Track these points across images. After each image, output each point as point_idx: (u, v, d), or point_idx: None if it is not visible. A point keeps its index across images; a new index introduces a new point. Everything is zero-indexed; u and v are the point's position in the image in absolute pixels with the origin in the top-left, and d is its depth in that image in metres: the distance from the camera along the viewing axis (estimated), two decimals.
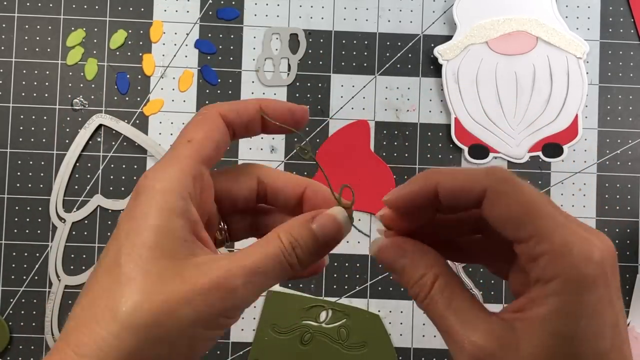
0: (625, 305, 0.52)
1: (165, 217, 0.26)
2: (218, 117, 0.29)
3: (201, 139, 0.28)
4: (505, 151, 0.52)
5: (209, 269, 0.25)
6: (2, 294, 0.51)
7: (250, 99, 0.30)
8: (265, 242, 0.27)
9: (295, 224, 0.28)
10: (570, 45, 0.52)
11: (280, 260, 0.27)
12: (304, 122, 0.31)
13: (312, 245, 0.28)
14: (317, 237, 0.28)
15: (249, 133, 0.31)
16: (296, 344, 0.51)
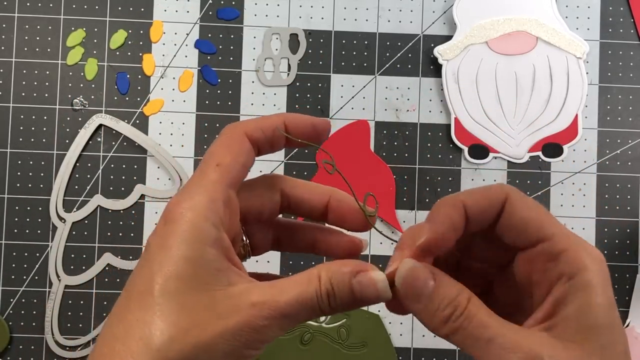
0: (625, 306, 0.52)
1: (199, 248, 0.26)
2: (244, 137, 0.29)
3: (229, 162, 0.28)
4: (505, 151, 0.52)
5: (243, 305, 0.25)
6: (2, 294, 0.52)
7: (273, 116, 0.30)
8: (304, 281, 0.27)
9: (337, 271, 0.27)
10: (570, 45, 0.52)
11: (312, 304, 0.27)
12: (326, 135, 0.31)
13: (346, 299, 0.27)
14: (354, 294, 0.27)
15: (273, 149, 0.30)
16: (296, 344, 0.51)
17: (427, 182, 0.53)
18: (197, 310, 0.25)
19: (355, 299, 0.27)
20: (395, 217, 0.52)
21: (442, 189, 0.52)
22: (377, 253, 0.52)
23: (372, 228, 0.32)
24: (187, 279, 0.25)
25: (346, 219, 0.32)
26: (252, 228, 0.31)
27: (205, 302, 0.25)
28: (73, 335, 0.51)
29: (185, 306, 0.25)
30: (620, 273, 0.52)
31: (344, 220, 0.32)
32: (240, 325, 0.25)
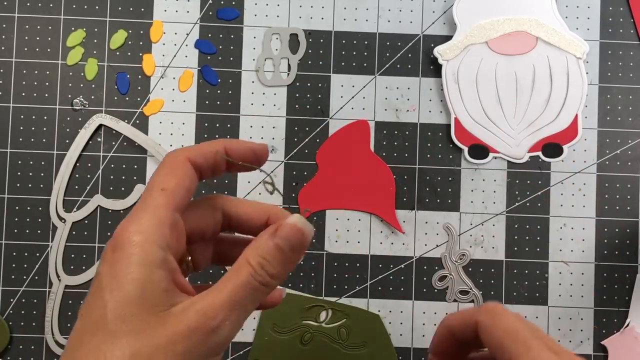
0: (625, 306, 0.52)
1: (147, 270, 0.27)
2: (187, 163, 0.30)
3: (174, 187, 0.29)
4: (505, 151, 0.52)
5: (187, 315, 0.26)
6: (2, 294, 0.52)
7: (214, 142, 0.32)
8: (236, 270, 0.28)
9: (259, 242, 0.29)
10: (570, 45, 0.52)
11: (252, 285, 0.28)
12: (265, 159, 0.33)
13: (281, 258, 0.29)
14: (283, 249, 0.29)
15: (215, 174, 0.32)
16: (296, 344, 0.51)
17: (427, 182, 0.53)
18: (149, 332, 0.26)
19: (286, 252, 0.29)
20: (395, 217, 0.52)
21: (442, 189, 0.53)
22: (377, 253, 0.52)
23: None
24: (137, 302, 0.26)
25: None
26: (195, 246, 0.32)
27: (155, 323, 0.26)
28: None
29: (136, 330, 0.26)
30: (620, 273, 0.52)
31: None
32: (187, 333, 0.26)
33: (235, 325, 0.28)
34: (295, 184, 0.52)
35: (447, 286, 0.52)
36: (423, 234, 0.52)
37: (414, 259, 0.52)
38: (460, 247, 0.52)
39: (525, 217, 0.53)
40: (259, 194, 0.52)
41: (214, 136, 0.52)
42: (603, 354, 0.52)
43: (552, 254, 0.52)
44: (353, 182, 0.52)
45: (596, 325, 0.52)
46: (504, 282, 0.52)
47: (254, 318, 0.52)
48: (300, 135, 0.53)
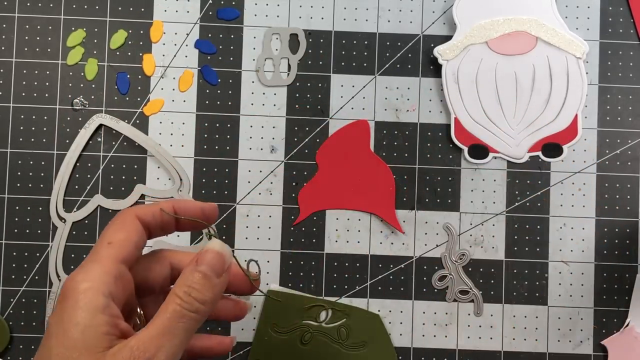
0: (625, 306, 0.52)
1: (89, 315, 0.29)
2: (135, 219, 0.33)
3: (120, 240, 0.32)
4: (504, 151, 0.52)
5: (121, 353, 0.28)
6: (2, 294, 0.52)
7: (163, 202, 0.34)
8: (165, 305, 0.31)
9: (184, 274, 0.31)
10: (570, 45, 0.52)
11: (181, 313, 0.30)
12: (214, 217, 0.35)
13: (206, 284, 0.31)
14: (206, 274, 0.31)
15: (164, 232, 0.34)
16: (296, 344, 0.51)
17: (427, 182, 0.53)
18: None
19: (211, 278, 0.31)
20: (395, 217, 0.52)
21: (442, 189, 0.53)
22: (377, 253, 0.52)
23: (257, 290, 0.36)
24: (79, 346, 0.28)
25: (232, 284, 0.35)
26: (146, 299, 0.34)
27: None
28: None
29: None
30: (620, 273, 0.52)
31: (230, 285, 0.35)
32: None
33: (170, 355, 0.29)
34: (295, 184, 0.52)
35: (447, 286, 0.52)
36: (423, 234, 0.52)
37: (414, 259, 0.52)
38: (460, 247, 0.52)
39: (525, 217, 0.53)
40: (259, 193, 0.52)
41: (214, 136, 0.53)
42: (603, 354, 0.52)
43: (552, 254, 0.52)
44: (353, 182, 0.52)
45: (596, 325, 0.52)
46: (503, 282, 0.52)
47: (254, 318, 0.52)
48: (300, 135, 0.53)
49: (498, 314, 0.52)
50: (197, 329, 0.31)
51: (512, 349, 0.52)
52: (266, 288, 0.52)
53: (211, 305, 0.31)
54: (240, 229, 0.52)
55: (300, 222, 0.52)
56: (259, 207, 0.52)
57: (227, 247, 0.32)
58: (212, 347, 0.36)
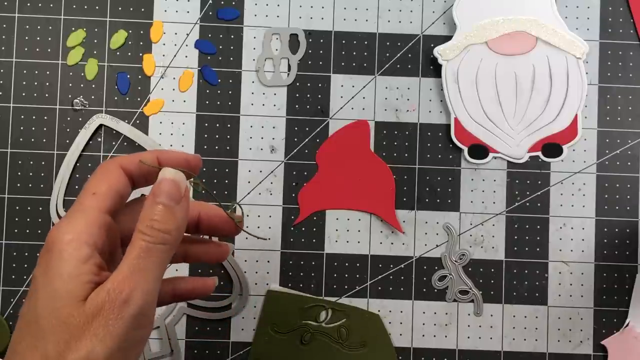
0: (624, 306, 0.52)
1: (73, 265, 0.29)
2: (119, 169, 0.33)
3: (104, 191, 0.32)
4: (504, 151, 0.52)
5: (98, 296, 0.29)
6: (2, 294, 0.52)
7: (148, 152, 0.34)
8: (132, 243, 0.31)
9: (144, 209, 0.31)
10: (570, 45, 0.52)
11: (149, 248, 0.30)
12: (199, 168, 0.35)
13: (168, 214, 0.31)
14: (164, 203, 0.31)
15: (148, 182, 0.34)
16: (296, 344, 0.51)
17: (427, 182, 0.53)
18: (73, 322, 0.28)
19: (170, 206, 0.31)
20: (395, 217, 0.52)
21: (442, 189, 0.53)
22: (377, 253, 0.52)
23: (242, 231, 0.37)
24: (63, 295, 0.28)
25: (218, 228, 0.36)
26: None
27: (77, 313, 0.29)
28: None
29: (64, 322, 0.28)
30: (620, 273, 0.52)
31: (216, 229, 0.36)
32: (103, 314, 0.28)
33: (147, 293, 0.29)
34: (295, 184, 0.52)
35: (447, 286, 0.52)
36: (423, 234, 0.52)
37: (414, 259, 0.52)
38: (460, 247, 0.52)
39: (525, 217, 0.53)
40: (259, 193, 0.52)
41: (214, 136, 0.53)
42: (603, 354, 0.52)
43: (552, 254, 0.52)
44: (353, 182, 0.52)
45: (596, 325, 0.52)
46: (503, 282, 0.52)
47: (254, 318, 0.52)
48: (300, 135, 0.53)
49: (498, 314, 0.52)
50: (169, 261, 0.32)
51: (512, 349, 0.52)
52: (266, 288, 0.52)
53: (177, 232, 0.31)
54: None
55: (300, 222, 0.52)
56: (259, 207, 0.52)
57: (180, 174, 0.32)
58: (195, 289, 0.37)
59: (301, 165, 0.53)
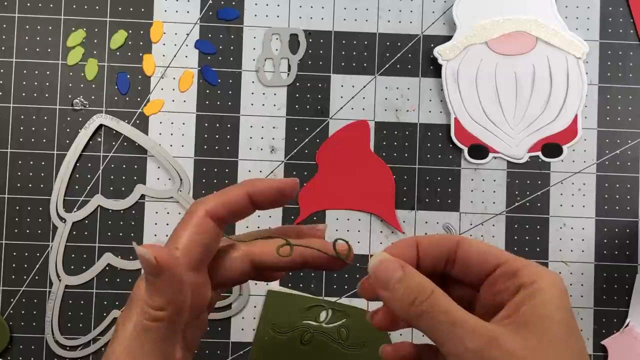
0: (624, 306, 0.52)
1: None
2: (205, 218, 0.31)
3: (187, 245, 0.30)
4: (504, 151, 0.52)
5: None
6: (2, 294, 0.52)
7: (235, 187, 0.32)
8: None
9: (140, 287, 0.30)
10: (570, 45, 0.52)
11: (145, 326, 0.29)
12: (295, 192, 0.33)
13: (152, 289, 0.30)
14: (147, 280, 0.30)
15: (242, 218, 0.32)
16: (296, 344, 0.51)
17: (427, 182, 0.53)
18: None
19: (151, 278, 0.29)
20: (395, 217, 0.52)
21: (442, 189, 0.53)
22: None
23: (350, 263, 0.33)
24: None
25: (323, 266, 0.33)
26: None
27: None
28: (73, 335, 0.51)
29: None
30: (620, 273, 0.52)
31: (322, 267, 0.33)
32: None
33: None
34: None
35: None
36: (423, 234, 0.52)
37: None
38: None
39: (525, 217, 0.53)
40: None
41: (214, 136, 0.52)
42: (603, 353, 0.52)
43: (552, 254, 0.52)
44: (353, 182, 0.52)
45: (596, 325, 0.52)
46: None
47: (254, 318, 0.52)
48: (300, 135, 0.53)
49: None
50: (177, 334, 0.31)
51: None
52: (266, 288, 0.52)
53: (173, 306, 0.30)
54: (241, 229, 0.52)
55: (300, 222, 0.52)
56: None
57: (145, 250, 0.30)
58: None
59: (301, 165, 0.53)
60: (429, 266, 0.32)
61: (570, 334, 0.28)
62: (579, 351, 0.29)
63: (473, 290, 0.32)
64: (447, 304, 0.29)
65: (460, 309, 0.29)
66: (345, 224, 0.52)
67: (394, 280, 0.30)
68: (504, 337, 0.28)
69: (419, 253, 0.32)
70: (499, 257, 0.31)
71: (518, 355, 0.27)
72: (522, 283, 0.29)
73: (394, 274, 0.30)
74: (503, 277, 0.31)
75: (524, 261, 0.31)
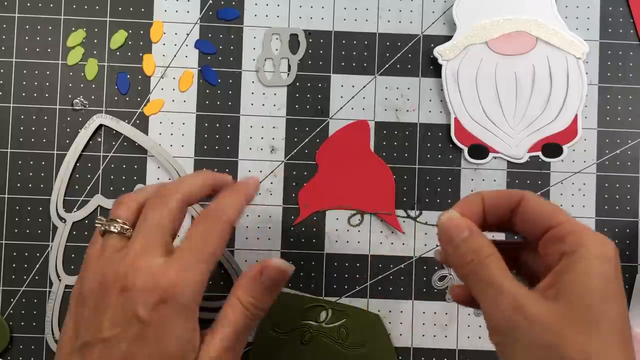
0: None
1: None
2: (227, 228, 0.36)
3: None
4: (504, 151, 0.52)
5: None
6: (2, 294, 0.52)
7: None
8: (231, 312, 0.35)
9: (248, 283, 0.36)
10: (570, 45, 0.52)
11: (246, 322, 0.35)
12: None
13: (267, 295, 0.36)
14: (266, 285, 0.36)
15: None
16: (296, 344, 0.51)
17: (427, 182, 0.53)
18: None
19: (270, 286, 0.36)
20: (395, 217, 0.52)
21: (442, 189, 0.53)
22: (377, 253, 0.52)
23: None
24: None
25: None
26: None
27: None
28: None
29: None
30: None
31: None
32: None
33: (237, 355, 0.34)
34: (295, 184, 0.52)
35: (447, 286, 0.52)
36: (423, 234, 0.52)
37: (414, 259, 0.52)
38: None
39: None
40: (259, 193, 0.52)
41: (214, 136, 0.52)
42: None
43: None
44: (353, 182, 0.52)
45: None
46: None
47: None
48: (300, 135, 0.53)
49: None
50: None
51: None
52: None
53: (263, 312, 0.36)
54: (241, 229, 0.52)
55: (300, 222, 0.52)
56: (259, 207, 0.52)
57: (290, 266, 0.37)
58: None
59: (301, 165, 0.53)
60: (494, 220, 0.35)
61: (606, 301, 0.29)
62: (614, 319, 0.29)
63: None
64: (493, 268, 0.31)
65: (504, 275, 0.31)
66: (346, 224, 0.52)
67: (460, 239, 0.33)
68: (530, 304, 0.29)
69: (484, 207, 0.34)
70: (552, 219, 0.32)
71: (542, 321, 0.29)
72: (565, 251, 0.30)
73: (461, 233, 0.33)
74: (552, 241, 0.32)
75: (574, 226, 0.31)
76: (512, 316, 0.30)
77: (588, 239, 0.30)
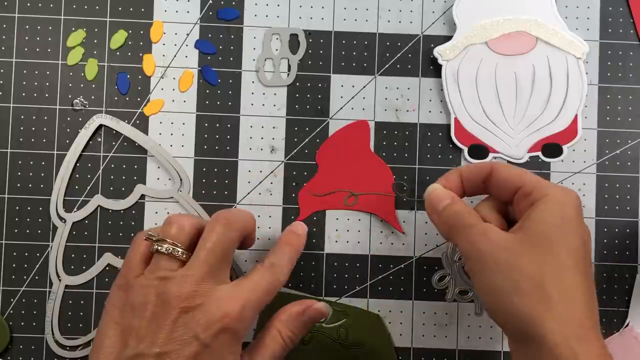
0: (624, 306, 0.52)
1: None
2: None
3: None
4: (504, 151, 0.52)
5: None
6: (2, 294, 0.52)
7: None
8: (270, 343, 0.40)
9: (289, 319, 0.42)
10: (570, 45, 0.52)
11: (281, 353, 0.40)
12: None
13: (303, 330, 0.42)
14: (306, 324, 0.42)
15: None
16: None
17: (427, 182, 0.53)
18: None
19: (309, 324, 0.42)
20: (395, 217, 0.52)
21: None
22: (377, 253, 0.52)
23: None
24: None
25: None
26: None
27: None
28: (73, 335, 0.51)
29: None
30: (620, 273, 0.52)
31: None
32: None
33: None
34: (295, 184, 0.52)
35: (447, 286, 0.52)
36: (423, 234, 0.52)
37: (414, 259, 0.52)
38: None
39: None
40: (259, 193, 0.52)
41: (214, 136, 0.52)
42: None
43: None
44: (353, 182, 0.52)
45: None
46: None
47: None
48: (300, 135, 0.53)
49: None
50: None
51: None
52: None
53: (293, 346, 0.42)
54: None
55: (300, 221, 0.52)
56: (259, 207, 0.52)
57: (330, 309, 0.44)
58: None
59: (301, 165, 0.53)
60: (471, 189, 0.42)
61: (564, 234, 0.35)
62: (572, 248, 0.34)
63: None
64: (469, 218, 0.38)
65: (478, 219, 0.38)
66: (345, 224, 0.52)
67: (442, 206, 0.40)
68: (495, 231, 0.36)
69: (462, 179, 0.42)
70: (519, 180, 0.38)
71: (504, 245, 0.35)
72: (534, 199, 0.36)
73: (443, 202, 0.40)
74: (522, 197, 0.38)
75: (539, 182, 0.37)
76: (479, 242, 0.36)
77: (550, 190, 0.36)
